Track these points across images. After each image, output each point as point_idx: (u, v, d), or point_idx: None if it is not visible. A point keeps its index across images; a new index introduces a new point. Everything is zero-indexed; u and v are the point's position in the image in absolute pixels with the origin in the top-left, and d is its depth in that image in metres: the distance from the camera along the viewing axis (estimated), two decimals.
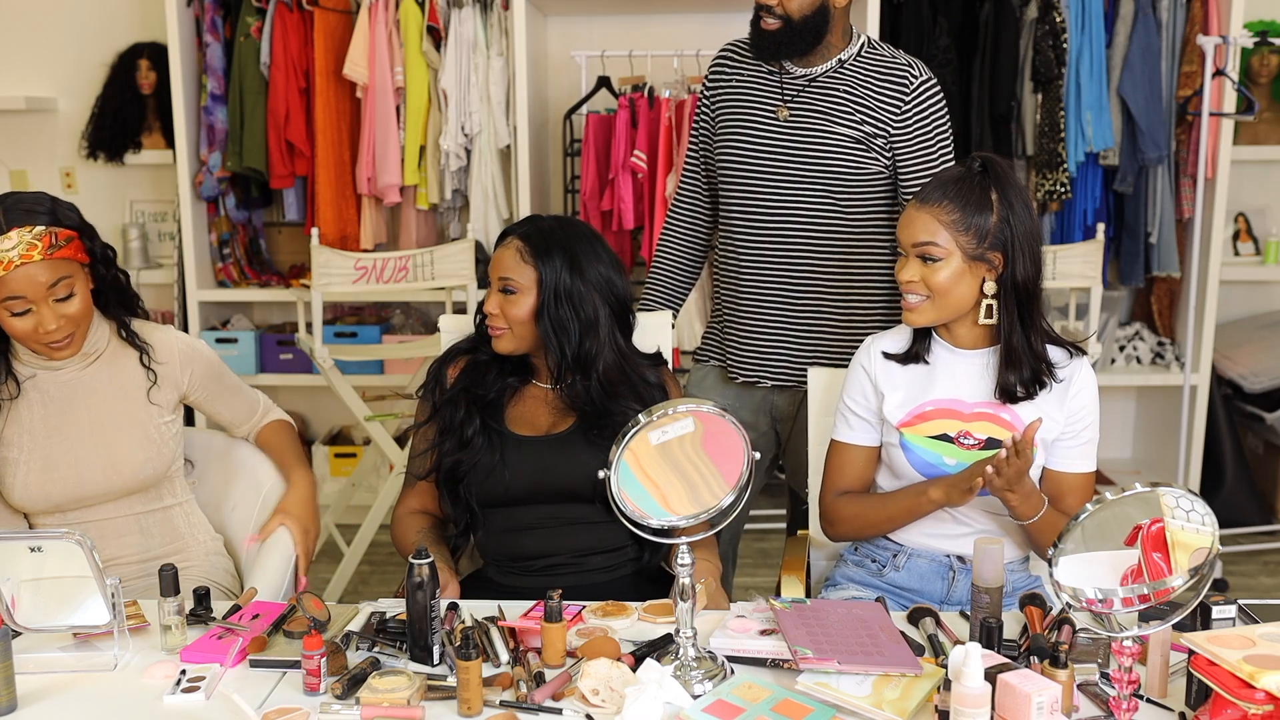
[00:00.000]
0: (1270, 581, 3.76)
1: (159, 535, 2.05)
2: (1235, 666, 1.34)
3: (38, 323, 1.83)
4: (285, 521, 2.02)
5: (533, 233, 2.01)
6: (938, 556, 1.96)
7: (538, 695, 1.49)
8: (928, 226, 1.84)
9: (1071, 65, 3.72)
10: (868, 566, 2.02)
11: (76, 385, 1.96)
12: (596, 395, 2.00)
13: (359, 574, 3.72)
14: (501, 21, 3.80)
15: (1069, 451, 1.91)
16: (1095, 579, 1.40)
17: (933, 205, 1.85)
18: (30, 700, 1.53)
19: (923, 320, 1.89)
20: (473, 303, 3.61)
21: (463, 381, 2.06)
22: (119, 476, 1.97)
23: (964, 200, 1.84)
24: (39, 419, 1.94)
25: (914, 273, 1.86)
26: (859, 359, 2.01)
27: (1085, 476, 1.93)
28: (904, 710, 1.43)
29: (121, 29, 4.23)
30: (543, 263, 1.98)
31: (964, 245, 1.83)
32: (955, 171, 1.89)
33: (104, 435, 1.96)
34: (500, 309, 1.99)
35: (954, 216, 1.83)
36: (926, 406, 1.92)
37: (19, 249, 1.78)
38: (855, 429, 2.00)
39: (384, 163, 3.88)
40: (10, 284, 1.79)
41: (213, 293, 4.11)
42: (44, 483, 1.93)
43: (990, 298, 1.86)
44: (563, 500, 1.99)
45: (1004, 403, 1.89)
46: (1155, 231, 3.88)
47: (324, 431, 4.51)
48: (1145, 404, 4.42)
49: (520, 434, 2.03)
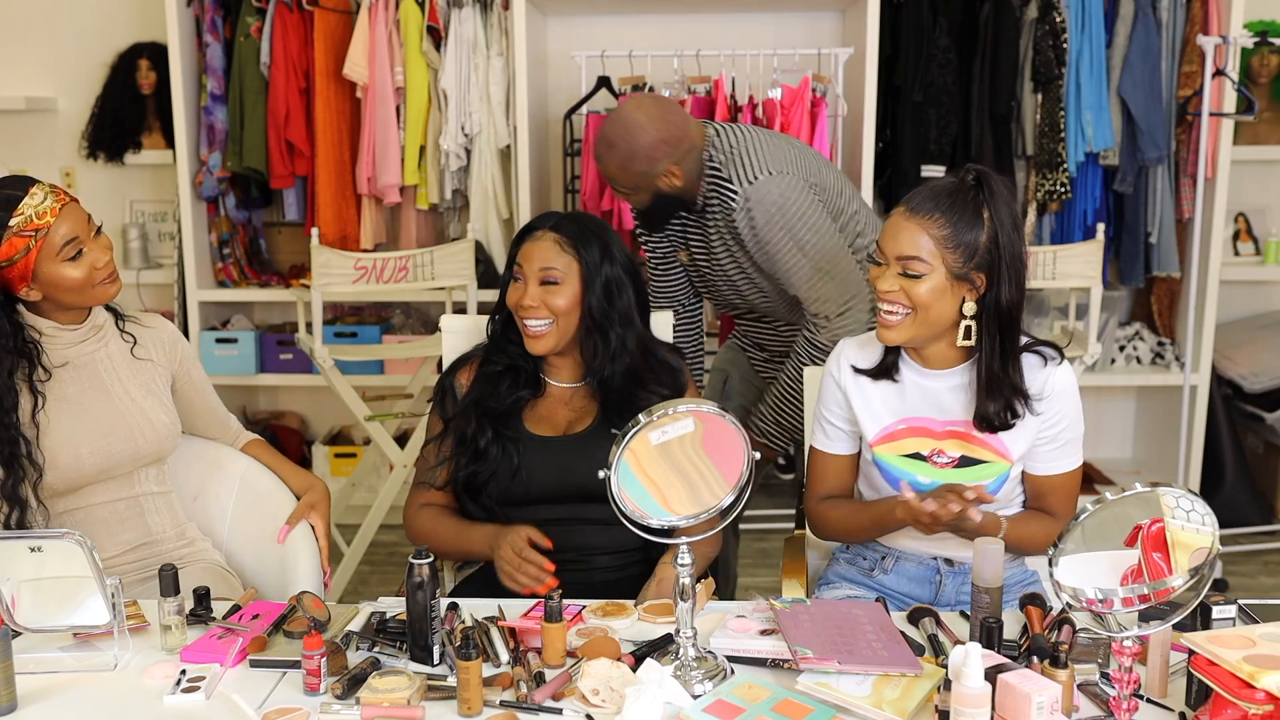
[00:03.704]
0: (1270, 581, 3.76)
1: (168, 518, 2.07)
2: (1235, 666, 1.34)
3: (91, 261, 1.88)
4: (311, 516, 2.07)
5: (564, 223, 2.02)
6: (925, 559, 1.96)
7: (538, 695, 1.49)
8: (915, 239, 1.75)
9: (1071, 65, 3.72)
10: (859, 565, 2.02)
11: (96, 360, 1.99)
12: (623, 382, 2.01)
13: (359, 574, 3.72)
14: (501, 21, 3.80)
15: (1048, 455, 1.87)
16: (1095, 579, 1.40)
17: (922, 216, 1.75)
18: (30, 700, 1.53)
19: (898, 338, 1.81)
20: (473, 303, 3.61)
21: (474, 393, 2.05)
22: (148, 441, 1.99)
23: (956, 215, 1.74)
24: (73, 397, 1.95)
25: (893, 284, 1.77)
26: (830, 369, 1.97)
27: (1068, 475, 1.89)
28: (904, 710, 1.43)
29: (121, 29, 4.23)
30: (582, 250, 1.99)
31: (950, 263, 1.75)
32: (948, 183, 1.79)
33: (130, 403, 1.99)
34: (542, 301, 1.98)
35: (944, 232, 1.74)
36: (898, 425, 1.89)
37: (49, 199, 1.85)
38: (832, 438, 1.97)
39: (384, 163, 3.88)
40: (61, 228, 1.85)
41: (213, 293, 4.11)
42: (85, 458, 1.93)
43: (970, 319, 1.78)
44: (581, 500, 1.99)
45: (979, 428, 1.84)
46: (1155, 231, 3.88)
47: (324, 431, 4.51)
48: (1145, 404, 4.42)
49: (539, 434, 2.03)
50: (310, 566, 2.03)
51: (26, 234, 1.82)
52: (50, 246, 1.84)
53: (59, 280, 1.87)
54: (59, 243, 1.84)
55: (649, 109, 2.45)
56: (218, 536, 2.17)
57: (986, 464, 1.86)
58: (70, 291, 1.89)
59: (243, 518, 2.16)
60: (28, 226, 1.82)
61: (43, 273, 1.86)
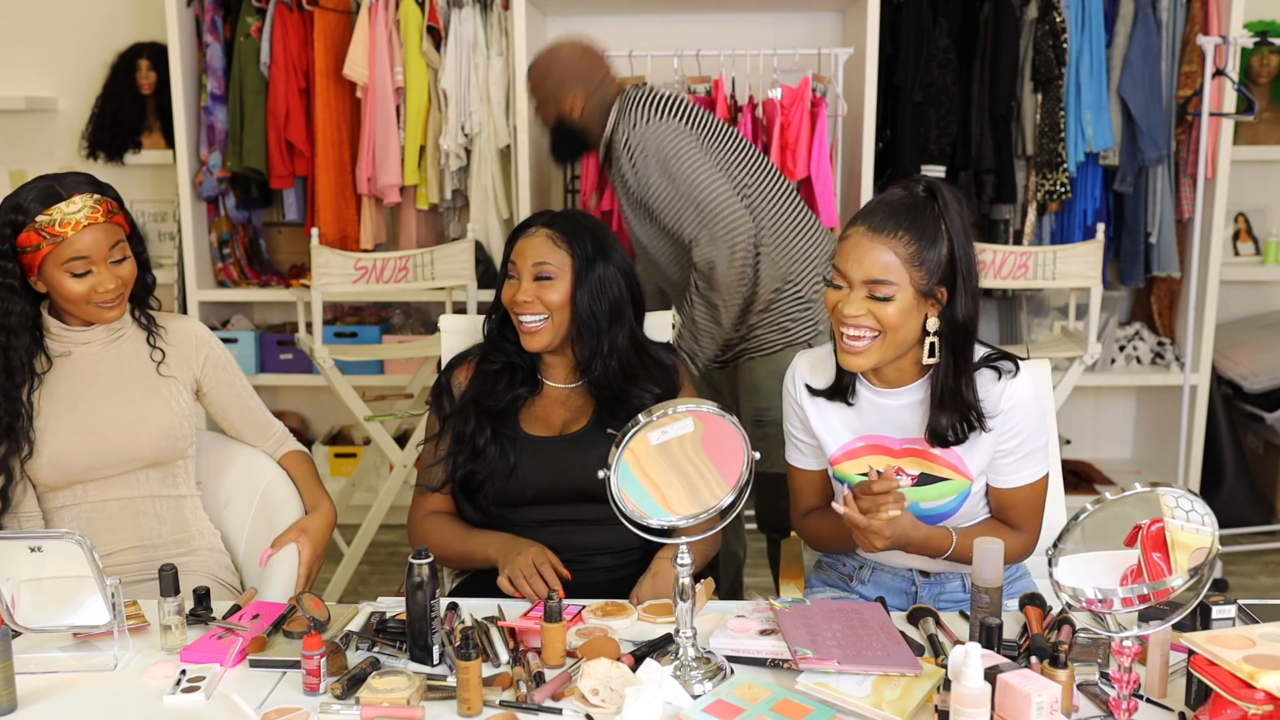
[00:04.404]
0: (1270, 581, 3.76)
1: (171, 522, 2.06)
2: (1235, 666, 1.35)
3: (95, 284, 1.90)
4: (300, 539, 2.02)
5: (558, 219, 2.04)
6: (899, 571, 1.95)
7: (538, 695, 1.49)
8: (881, 261, 1.68)
9: (1071, 65, 3.72)
10: (840, 570, 2.03)
11: (102, 360, 2.00)
12: (616, 379, 2.02)
13: (359, 574, 3.72)
14: (501, 21, 3.80)
15: (1008, 467, 1.83)
16: (1095, 579, 1.40)
17: (886, 235, 1.68)
18: (30, 700, 1.53)
19: (866, 364, 1.74)
20: (473, 303, 3.61)
21: (471, 392, 2.06)
22: (139, 444, 1.99)
23: (919, 230, 1.69)
24: (66, 391, 1.97)
25: (860, 308, 1.70)
26: (786, 386, 1.93)
27: (1030, 487, 1.84)
28: (904, 710, 1.43)
29: (121, 29, 4.23)
30: (575, 246, 2.01)
31: (916, 281, 1.69)
32: (901, 197, 1.72)
33: (128, 404, 1.99)
34: (535, 296, 1.99)
35: (910, 249, 1.68)
36: (856, 443, 1.87)
37: (84, 211, 1.87)
38: (803, 453, 1.95)
39: (384, 163, 3.88)
40: (76, 244, 1.87)
41: (213, 293, 4.12)
42: (73, 452, 1.95)
43: (933, 335, 1.73)
44: (576, 500, 1.99)
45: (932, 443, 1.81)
46: (1155, 231, 3.88)
47: (324, 431, 4.51)
48: (1145, 404, 4.42)
49: (535, 434, 2.03)
50: (282, 592, 1.94)
51: (44, 234, 1.86)
52: (59, 255, 1.87)
53: (58, 287, 1.91)
54: (68, 255, 1.88)
55: (579, 44, 2.89)
56: (237, 549, 2.16)
57: (946, 481, 1.83)
58: (66, 300, 1.93)
59: (256, 532, 2.14)
60: (49, 228, 1.86)
61: (46, 273, 1.90)
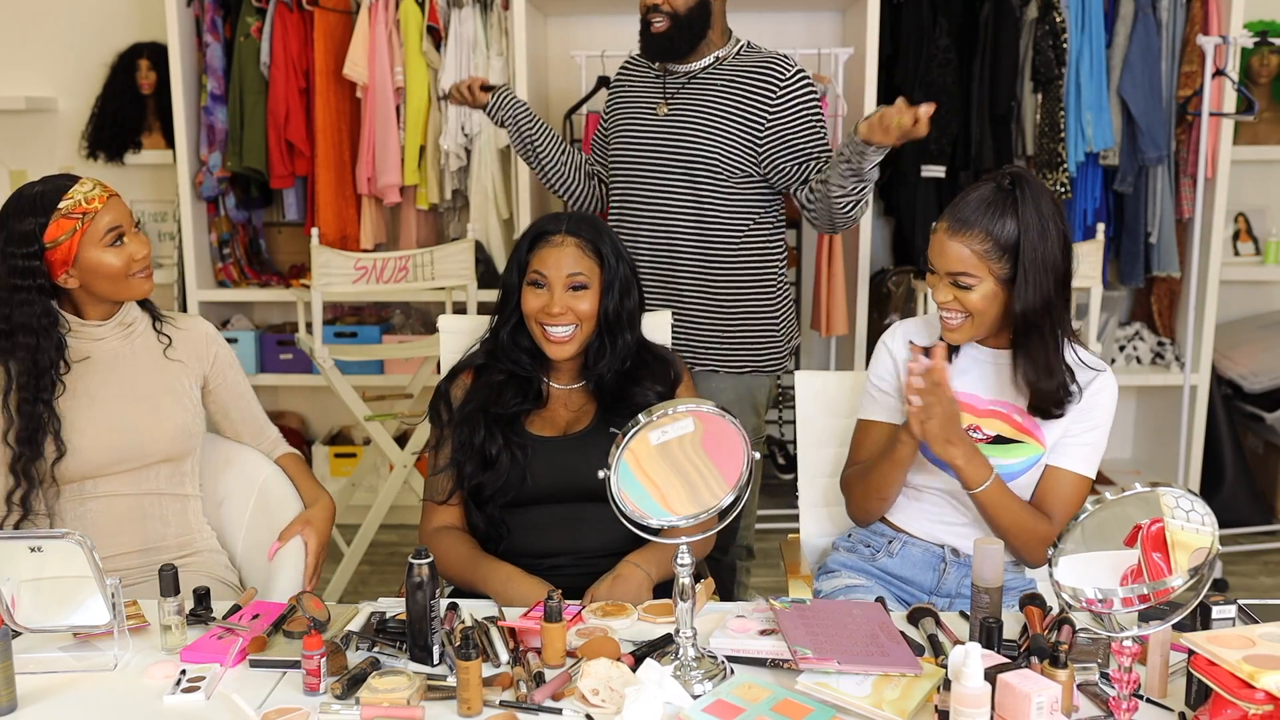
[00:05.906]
0: (1270, 581, 3.76)
1: (175, 525, 2.07)
2: (1235, 666, 1.35)
3: (131, 251, 1.95)
4: (305, 532, 2.05)
5: (579, 226, 2.01)
6: (932, 546, 1.99)
7: (538, 695, 1.49)
8: (959, 256, 1.83)
9: (1071, 65, 3.72)
10: (860, 552, 2.04)
11: (118, 357, 2.02)
12: (619, 380, 2.02)
13: (359, 574, 3.72)
14: (501, 21, 3.81)
15: (1070, 449, 1.92)
16: (1095, 579, 1.40)
17: (963, 233, 1.83)
18: (30, 700, 1.53)
19: (962, 339, 1.90)
20: (473, 303, 3.61)
21: (477, 401, 2.03)
22: (156, 439, 2.01)
23: (994, 225, 1.82)
24: (83, 389, 1.98)
25: (948, 294, 1.86)
26: (885, 341, 2.05)
27: (1075, 478, 1.92)
28: (904, 710, 1.43)
29: (121, 29, 4.24)
30: (602, 252, 2.00)
31: (996, 270, 1.83)
32: (986, 192, 1.85)
33: (144, 400, 2.01)
34: (568, 307, 1.98)
35: (985, 245, 1.82)
36: None
37: (97, 189, 1.94)
38: (880, 404, 2.03)
39: (384, 163, 3.88)
40: (106, 215, 1.93)
41: (213, 293, 4.12)
42: (91, 447, 1.96)
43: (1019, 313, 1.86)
44: (581, 499, 1.98)
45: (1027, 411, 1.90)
46: (1155, 231, 3.88)
47: (324, 431, 4.51)
48: (1145, 404, 4.42)
49: (539, 434, 2.03)
50: (291, 584, 1.97)
51: (74, 216, 1.90)
52: (95, 231, 1.91)
53: (98, 266, 1.93)
54: (103, 228, 1.92)
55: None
56: (234, 546, 2.16)
57: (1020, 444, 1.91)
58: (107, 279, 1.95)
59: (255, 529, 2.14)
60: (76, 210, 1.90)
61: (84, 258, 1.92)
